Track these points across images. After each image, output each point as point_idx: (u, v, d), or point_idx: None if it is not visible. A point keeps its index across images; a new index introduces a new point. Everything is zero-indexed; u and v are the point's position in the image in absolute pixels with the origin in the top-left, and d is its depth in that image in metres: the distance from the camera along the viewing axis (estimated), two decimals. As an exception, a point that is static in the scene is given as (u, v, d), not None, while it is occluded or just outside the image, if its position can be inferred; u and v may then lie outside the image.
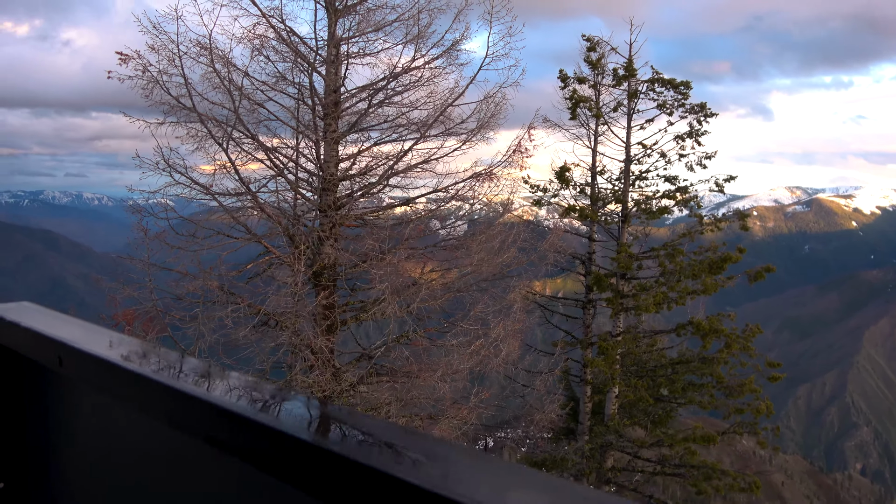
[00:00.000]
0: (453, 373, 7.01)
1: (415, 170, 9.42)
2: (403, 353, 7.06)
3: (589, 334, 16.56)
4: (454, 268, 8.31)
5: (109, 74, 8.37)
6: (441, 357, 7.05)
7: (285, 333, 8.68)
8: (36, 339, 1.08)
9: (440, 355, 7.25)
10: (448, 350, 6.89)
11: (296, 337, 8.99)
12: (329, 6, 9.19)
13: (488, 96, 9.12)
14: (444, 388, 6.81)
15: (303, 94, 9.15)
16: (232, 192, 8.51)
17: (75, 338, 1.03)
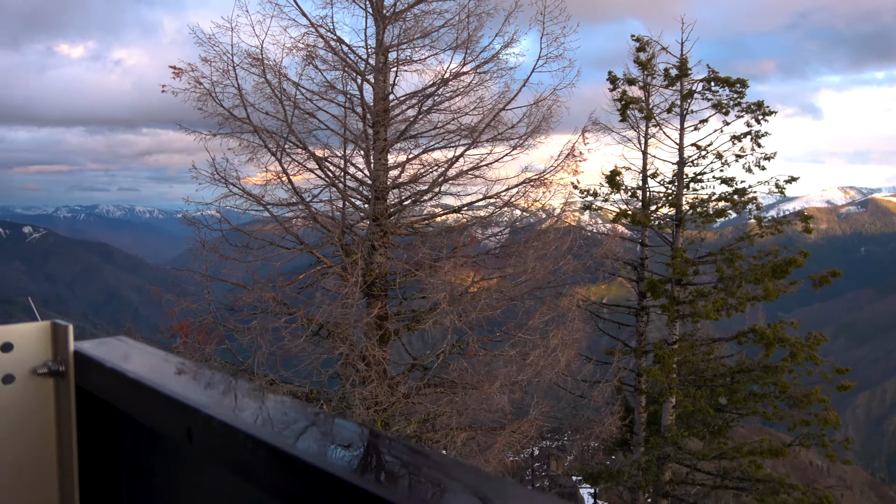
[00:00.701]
0: (511, 384, 6.78)
1: (465, 176, 9.25)
2: (462, 364, 6.85)
3: (643, 342, 16.06)
4: (507, 275, 8.08)
5: (164, 88, 8.47)
6: (499, 368, 6.82)
7: (340, 344, 8.59)
8: (165, 406, 0.85)
9: (498, 366, 7.02)
10: (506, 360, 6.66)
11: (349, 348, 8.90)
12: (377, 14, 9.13)
13: (539, 100, 8.90)
14: (502, 399, 6.58)
15: (352, 102, 9.10)
16: (284, 202, 8.48)
17: (206, 401, 0.83)
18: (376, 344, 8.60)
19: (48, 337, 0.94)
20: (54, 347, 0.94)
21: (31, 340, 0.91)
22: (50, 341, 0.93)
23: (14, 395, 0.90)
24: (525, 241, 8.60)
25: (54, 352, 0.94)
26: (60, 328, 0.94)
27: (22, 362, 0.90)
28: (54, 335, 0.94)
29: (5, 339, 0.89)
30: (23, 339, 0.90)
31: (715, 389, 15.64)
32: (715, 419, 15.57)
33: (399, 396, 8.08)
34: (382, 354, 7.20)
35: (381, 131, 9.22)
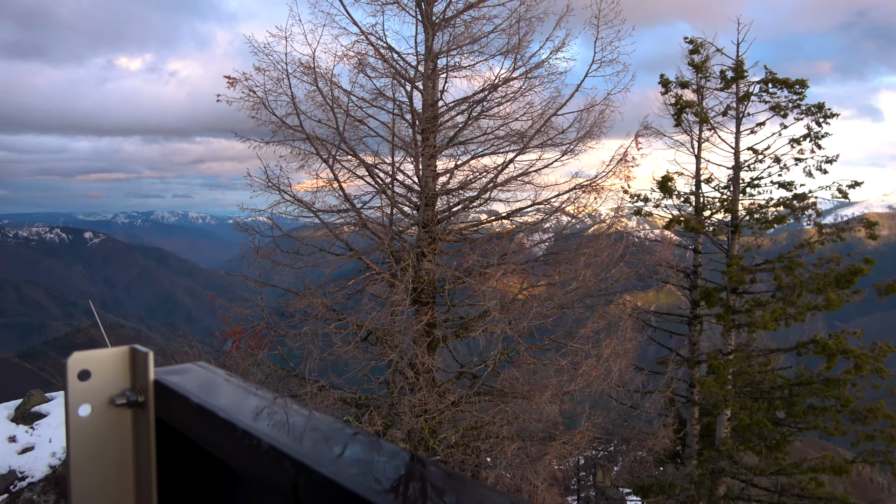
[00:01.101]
0: (562, 394, 6.64)
1: (513, 182, 9.16)
2: (512, 374, 6.75)
3: (696, 352, 15.61)
4: (557, 283, 7.94)
5: (219, 98, 8.66)
6: (549, 377, 6.69)
7: (389, 351, 8.60)
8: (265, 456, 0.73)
9: (548, 375, 6.89)
10: (557, 370, 6.52)
11: (398, 354, 8.90)
12: (426, 21, 9.14)
13: (592, 105, 8.74)
14: (552, 409, 6.45)
15: (401, 109, 9.12)
16: (334, 209, 8.55)
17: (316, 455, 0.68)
18: (425, 351, 8.58)
19: (126, 364, 0.87)
20: (133, 375, 0.88)
21: (109, 368, 0.86)
22: (129, 369, 0.87)
23: (91, 427, 0.84)
24: (576, 248, 8.44)
25: (133, 380, 0.88)
26: (140, 355, 0.87)
27: (99, 391, 0.84)
28: (133, 362, 0.87)
29: (82, 366, 0.83)
30: (100, 366, 0.84)
31: (772, 402, 15.07)
32: (772, 433, 15.00)
33: (447, 404, 8.03)
34: (432, 362, 7.15)
35: (430, 138, 9.21)
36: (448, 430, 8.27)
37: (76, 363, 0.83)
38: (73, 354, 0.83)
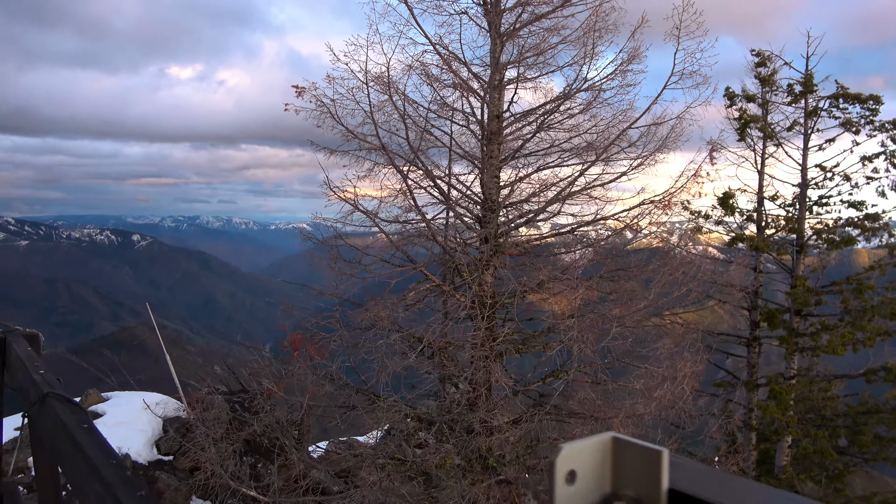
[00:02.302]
0: (635, 417, 6.40)
1: (579, 196, 8.96)
2: (588, 395, 6.52)
3: (755, 375, 15.05)
4: (626, 301, 7.69)
5: (287, 107, 8.71)
6: (621, 398, 6.44)
7: (449, 365, 8.47)
8: None
9: (620, 396, 6.64)
10: (631, 392, 6.28)
11: (458, 369, 8.75)
12: (494, 32, 9.05)
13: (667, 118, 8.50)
14: (624, 433, 6.18)
15: (467, 120, 9.03)
16: (398, 219, 8.49)
17: None
18: (487, 366, 8.42)
19: (608, 458, 0.65)
20: (615, 475, 0.65)
21: (594, 465, 0.64)
22: (610, 465, 0.65)
23: None
24: (644, 266, 8.19)
25: (617, 482, 0.64)
26: (638, 451, 0.64)
27: (587, 495, 0.63)
28: (618, 458, 0.65)
29: (570, 464, 0.62)
30: (585, 463, 0.61)
31: (835, 430, 14.42)
32: (835, 462, 14.35)
33: (510, 421, 7.84)
34: (499, 377, 6.99)
35: (495, 149, 9.09)
36: (506, 448, 8.07)
37: (565, 462, 0.62)
38: (563, 449, 0.60)
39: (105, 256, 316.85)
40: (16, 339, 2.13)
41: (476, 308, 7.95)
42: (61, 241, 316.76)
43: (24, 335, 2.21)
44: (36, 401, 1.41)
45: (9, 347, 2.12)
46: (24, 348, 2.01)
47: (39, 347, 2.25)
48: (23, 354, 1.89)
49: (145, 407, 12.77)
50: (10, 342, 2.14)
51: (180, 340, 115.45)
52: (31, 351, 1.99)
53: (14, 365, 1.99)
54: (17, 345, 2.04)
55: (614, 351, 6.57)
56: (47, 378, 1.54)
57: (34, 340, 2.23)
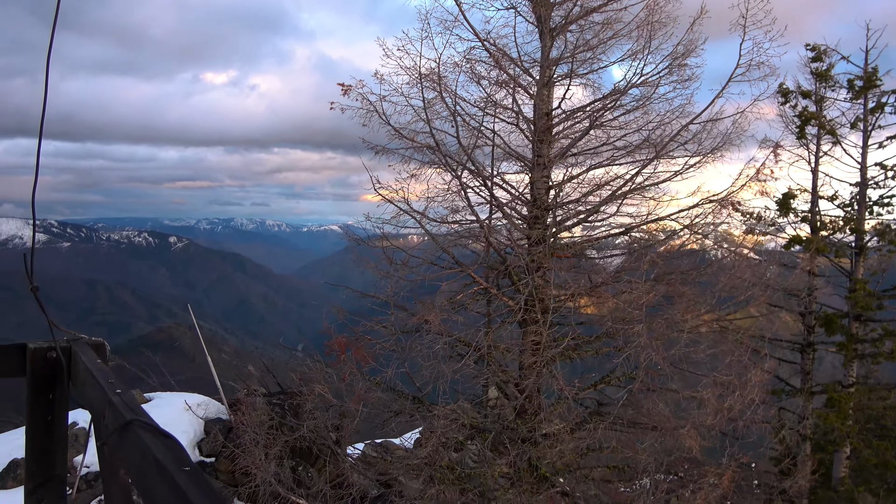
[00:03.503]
0: (704, 427, 6.03)
1: (632, 196, 8.60)
2: (656, 406, 6.18)
3: (809, 382, 14.43)
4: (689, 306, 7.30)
5: (332, 105, 8.54)
6: (688, 408, 6.08)
7: (497, 371, 8.19)
8: None
9: (689, 406, 6.27)
10: (700, 402, 5.92)
11: (505, 374, 8.47)
12: (544, 27, 8.75)
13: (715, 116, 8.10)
14: (692, 445, 5.84)
15: (517, 118, 8.74)
16: (449, 221, 8.25)
17: None
18: (538, 372, 8.13)
19: None
20: None
21: None
22: None
23: None
24: (705, 268, 7.80)
25: None
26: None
27: None
28: None
29: None
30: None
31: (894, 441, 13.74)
32: (894, 475, 13.66)
33: (565, 429, 7.53)
34: (561, 386, 6.68)
35: (545, 149, 8.78)
36: (560, 457, 7.75)
37: None
38: None
39: (143, 258, 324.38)
40: (82, 349, 1.93)
41: (528, 312, 7.66)
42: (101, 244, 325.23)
43: (89, 344, 2.02)
44: (115, 429, 1.19)
45: (75, 358, 1.92)
46: (92, 360, 1.80)
47: (106, 357, 2.05)
48: (92, 367, 1.68)
49: (187, 408, 12.75)
50: (76, 352, 1.94)
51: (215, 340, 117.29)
52: (101, 363, 1.79)
53: (81, 378, 1.79)
54: (85, 355, 1.85)
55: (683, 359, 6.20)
56: (126, 400, 1.32)
57: (100, 350, 2.03)
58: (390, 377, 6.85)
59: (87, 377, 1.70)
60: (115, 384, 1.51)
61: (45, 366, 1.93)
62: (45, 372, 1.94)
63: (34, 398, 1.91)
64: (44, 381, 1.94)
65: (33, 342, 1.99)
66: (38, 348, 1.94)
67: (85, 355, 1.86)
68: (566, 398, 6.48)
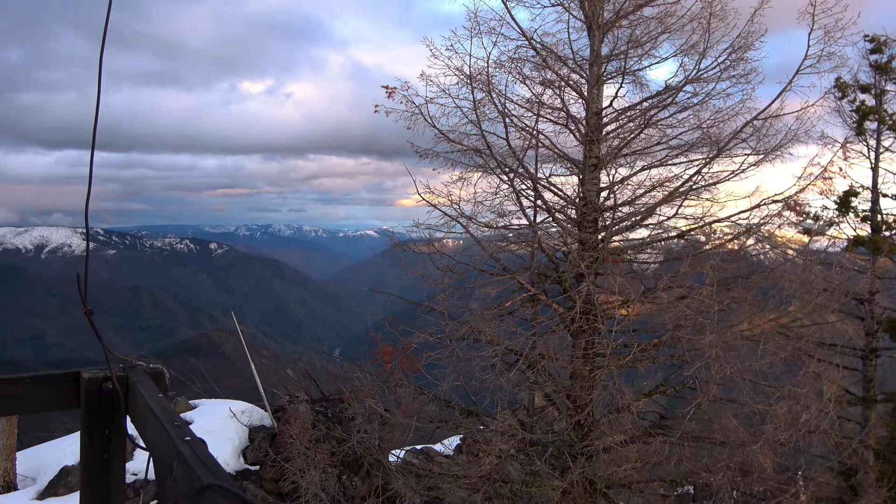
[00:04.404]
0: (774, 444, 5.64)
1: (688, 196, 8.21)
2: (730, 423, 5.80)
3: (872, 390, 13.71)
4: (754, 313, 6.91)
5: (377, 108, 8.37)
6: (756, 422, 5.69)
7: (547, 381, 7.90)
8: None
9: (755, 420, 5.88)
10: (771, 416, 5.54)
11: (556, 384, 8.17)
12: (593, 24, 8.44)
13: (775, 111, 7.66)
14: (766, 461, 5.46)
15: (567, 119, 8.45)
16: (496, 225, 7.99)
17: None
18: (589, 384, 7.81)
19: None
20: None
21: None
22: None
23: None
24: (769, 273, 7.38)
25: None
26: None
27: None
28: None
29: None
30: None
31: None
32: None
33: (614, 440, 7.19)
34: (629, 401, 6.36)
35: (595, 149, 8.46)
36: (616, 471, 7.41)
37: None
38: None
39: (184, 264, 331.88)
40: (140, 379, 1.73)
41: (582, 320, 7.35)
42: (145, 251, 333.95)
43: (147, 372, 1.82)
44: (188, 492, 0.99)
45: (132, 389, 1.73)
46: (152, 393, 1.60)
47: (166, 388, 1.86)
48: (154, 403, 1.48)
49: (231, 415, 12.75)
50: (133, 382, 1.75)
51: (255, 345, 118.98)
52: (163, 398, 1.59)
53: (142, 414, 1.59)
54: (144, 387, 1.65)
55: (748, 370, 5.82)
56: (199, 452, 1.11)
57: (159, 379, 1.83)
58: (445, 390, 6.60)
59: (147, 415, 1.51)
60: (181, 428, 1.30)
61: (101, 398, 1.75)
62: (100, 405, 1.75)
63: (89, 434, 1.72)
64: (100, 416, 1.75)
65: (87, 370, 1.81)
66: (92, 378, 1.76)
67: (144, 387, 1.66)
68: (629, 410, 6.15)
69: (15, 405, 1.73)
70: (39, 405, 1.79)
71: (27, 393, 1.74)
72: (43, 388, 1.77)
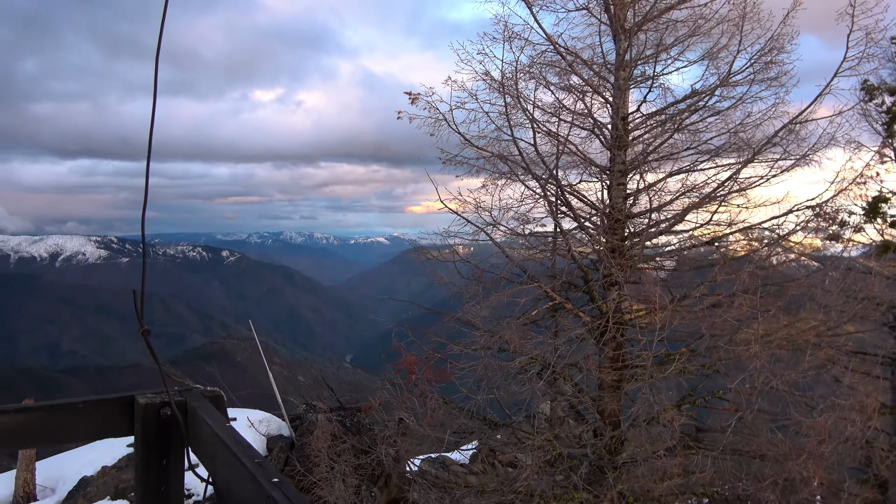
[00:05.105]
0: (818, 458, 5.44)
1: (723, 202, 8.03)
2: (775, 438, 5.59)
3: (902, 399, 13.39)
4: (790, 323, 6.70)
5: (399, 115, 8.27)
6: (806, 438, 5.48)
7: (574, 391, 7.73)
8: None
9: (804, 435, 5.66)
10: (815, 429, 5.33)
11: (582, 395, 7.99)
12: (618, 27, 8.30)
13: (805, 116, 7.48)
14: (814, 475, 5.24)
15: (593, 124, 8.30)
16: (520, 232, 7.85)
17: None
18: (611, 390, 7.63)
19: None
20: None
21: None
22: None
23: None
24: (804, 280, 7.18)
25: None
26: None
27: None
28: None
29: None
30: None
31: None
32: None
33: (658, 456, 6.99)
34: (672, 416, 6.18)
35: (621, 155, 8.31)
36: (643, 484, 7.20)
37: None
38: None
39: (197, 272, 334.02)
40: (200, 404, 1.59)
41: (612, 329, 7.17)
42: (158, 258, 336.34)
43: (206, 396, 1.68)
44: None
45: (193, 416, 1.58)
46: (219, 422, 1.46)
47: (226, 413, 1.72)
48: (225, 435, 1.33)
49: (249, 425, 12.64)
50: (193, 408, 1.60)
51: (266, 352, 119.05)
52: (232, 428, 1.44)
53: (209, 446, 1.45)
54: (208, 414, 1.50)
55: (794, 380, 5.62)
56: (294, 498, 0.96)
57: (219, 403, 1.69)
58: (479, 404, 6.44)
59: (217, 448, 1.36)
60: (265, 467, 1.15)
61: (159, 425, 1.61)
62: (157, 433, 1.61)
63: (145, 465, 1.58)
64: (157, 445, 1.61)
65: (142, 394, 1.66)
66: (149, 404, 1.61)
67: (207, 414, 1.52)
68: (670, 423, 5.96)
69: (66, 433, 1.60)
70: (92, 433, 1.65)
71: (79, 419, 1.61)
72: (96, 415, 1.64)
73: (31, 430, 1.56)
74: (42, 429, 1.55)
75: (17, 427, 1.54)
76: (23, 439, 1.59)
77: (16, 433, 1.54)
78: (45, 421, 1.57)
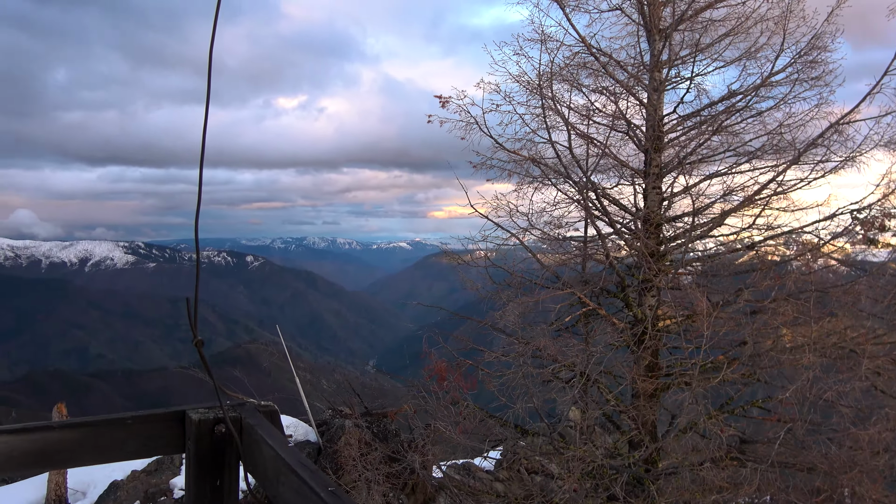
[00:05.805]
0: (871, 471, 5.20)
1: (753, 206, 7.80)
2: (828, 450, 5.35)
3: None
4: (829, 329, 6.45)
5: (430, 118, 8.19)
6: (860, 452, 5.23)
7: (608, 399, 7.54)
8: None
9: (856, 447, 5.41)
10: (871, 442, 5.08)
11: (618, 403, 7.79)
12: (653, 28, 8.12)
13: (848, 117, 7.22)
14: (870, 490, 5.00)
15: (627, 126, 8.13)
16: (554, 237, 7.70)
17: None
18: (646, 398, 7.43)
19: None
20: None
21: None
22: None
23: None
24: (849, 286, 6.91)
25: None
26: None
27: None
28: None
29: None
30: None
31: None
32: None
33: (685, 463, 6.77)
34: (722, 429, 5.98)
35: (656, 157, 8.12)
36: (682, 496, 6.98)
37: None
38: None
39: (222, 277, 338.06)
40: (255, 421, 1.49)
41: (652, 336, 6.99)
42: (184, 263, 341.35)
43: (260, 411, 1.57)
44: None
45: (249, 433, 1.48)
46: (281, 442, 1.35)
47: (282, 430, 1.61)
48: (289, 458, 1.22)
49: (277, 431, 12.62)
50: (248, 426, 1.49)
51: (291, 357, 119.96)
52: (296, 449, 1.34)
53: (269, 468, 1.34)
54: (266, 433, 1.40)
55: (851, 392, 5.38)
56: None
57: (274, 419, 1.58)
58: (518, 412, 6.30)
59: (280, 471, 1.25)
60: (339, 496, 1.04)
61: (213, 443, 1.51)
62: (211, 451, 1.51)
63: (198, 484, 1.48)
64: (210, 463, 1.51)
65: (194, 409, 1.56)
66: (203, 420, 1.51)
67: (266, 432, 1.41)
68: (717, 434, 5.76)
69: (116, 451, 1.50)
70: (141, 450, 1.54)
71: (129, 436, 1.51)
72: (146, 431, 1.54)
73: (79, 447, 1.46)
74: (91, 447, 1.45)
75: (64, 445, 1.44)
76: (70, 458, 1.49)
77: (63, 451, 1.44)
78: (94, 437, 1.47)
